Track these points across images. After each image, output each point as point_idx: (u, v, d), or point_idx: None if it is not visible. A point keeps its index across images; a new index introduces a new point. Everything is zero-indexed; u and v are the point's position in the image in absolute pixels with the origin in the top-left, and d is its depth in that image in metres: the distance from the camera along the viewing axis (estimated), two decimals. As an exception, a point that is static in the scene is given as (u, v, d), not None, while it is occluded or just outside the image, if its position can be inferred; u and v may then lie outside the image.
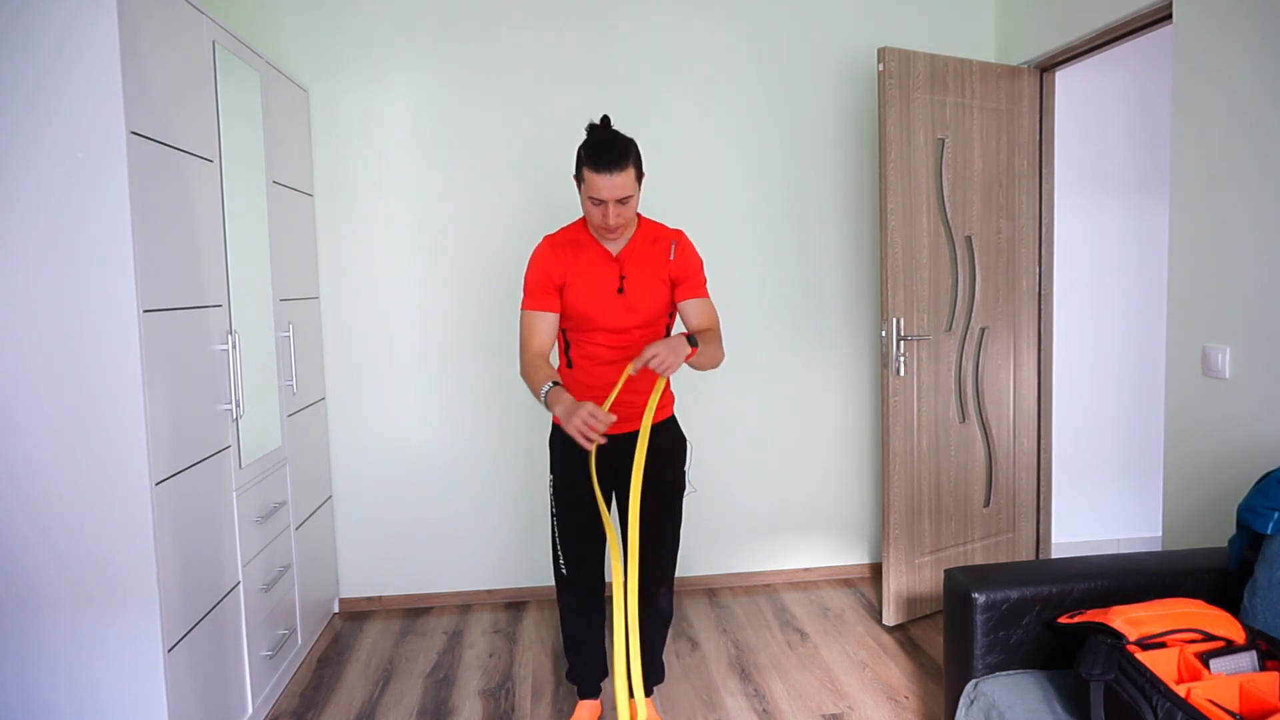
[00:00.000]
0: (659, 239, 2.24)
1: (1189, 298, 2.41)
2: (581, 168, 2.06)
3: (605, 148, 2.03)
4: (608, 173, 2.01)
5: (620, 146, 2.04)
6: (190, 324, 2.14)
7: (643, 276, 2.19)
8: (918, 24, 3.45)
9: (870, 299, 3.53)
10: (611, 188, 2.03)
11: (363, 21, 3.21)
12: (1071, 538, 3.79)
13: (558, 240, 2.23)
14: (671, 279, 2.24)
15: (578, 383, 2.25)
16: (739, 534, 3.54)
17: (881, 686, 2.65)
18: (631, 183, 2.05)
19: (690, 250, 2.27)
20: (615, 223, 2.08)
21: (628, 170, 2.03)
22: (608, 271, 2.18)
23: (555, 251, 2.19)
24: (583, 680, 2.45)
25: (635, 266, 2.20)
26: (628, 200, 2.07)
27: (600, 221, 2.09)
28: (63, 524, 1.89)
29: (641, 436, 2.08)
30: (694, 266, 2.26)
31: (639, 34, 3.32)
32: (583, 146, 2.08)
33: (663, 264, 2.22)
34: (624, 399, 2.22)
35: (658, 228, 2.27)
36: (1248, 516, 1.75)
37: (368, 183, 3.27)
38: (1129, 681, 1.45)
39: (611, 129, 2.13)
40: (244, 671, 2.40)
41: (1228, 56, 2.26)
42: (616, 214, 2.07)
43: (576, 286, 2.18)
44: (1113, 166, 3.69)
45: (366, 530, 3.37)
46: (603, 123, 2.16)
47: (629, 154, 2.04)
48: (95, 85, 1.81)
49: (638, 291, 2.19)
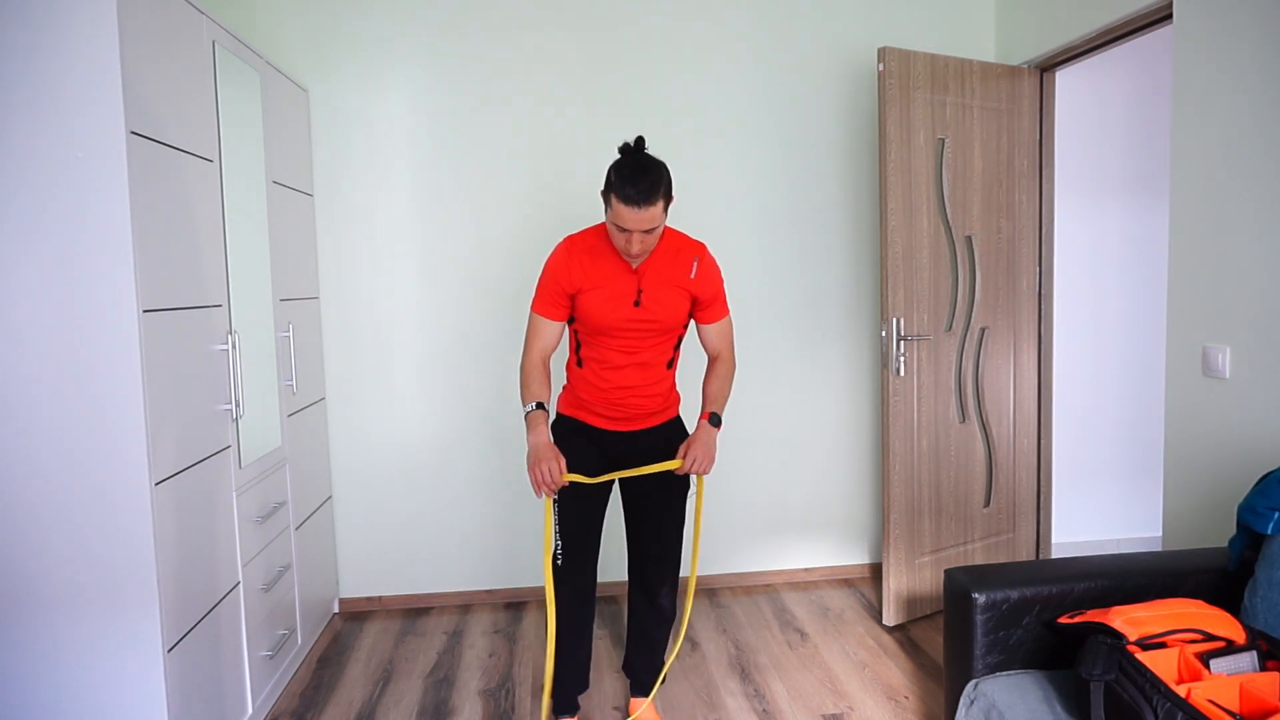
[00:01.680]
0: (681, 251, 2.19)
1: (1189, 298, 2.41)
2: (610, 193, 1.98)
3: (635, 182, 1.94)
4: (636, 207, 1.95)
5: (652, 179, 1.95)
6: (190, 324, 2.13)
7: (661, 290, 2.15)
8: (918, 24, 3.45)
9: (870, 299, 3.53)
10: (639, 220, 1.97)
11: (362, 21, 3.21)
12: (1071, 538, 3.79)
13: (576, 247, 2.16)
14: (693, 296, 2.20)
15: (585, 382, 2.25)
16: (739, 534, 3.54)
17: (881, 686, 2.65)
18: (659, 214, 1.99)
19: (713, 269, 2.23)
20: (638, 250, 2.04)
21: (657, 204, 1.97)
22: (626, 283, 2.14)
23: (572, 259, 2.14)
24: (561, 697, 2.36)
25: (654, 279, 2.15)
26: (654, 230, 2.01)
27: (624, 247, 2.05)
28: (63, 524, 1.89)
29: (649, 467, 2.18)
30: (716, 287, 2.23)
31: (639, 34, 3.32)
32: (614, 170, 1.99)
33: (683, 278, 2.18)
34: (626, 399, 2.22)
35: (680, 239, 2.22)
36: (1248, 516, 1.75)
37: (368, 183, 3.27)
38: (1129, 681, 1.45)
39: (644, 155, 2.02)
40: (244, 672, 2.39)
41: (1228, 56, 2.26)
42: (641, 241, 2.02)
43: (592, 295, 2.13)
44: (1113, 166, 3.69)
45: (366, 530, 3.37)
46: (636, 145, 2.04)
47: (659, 187, 1.96)
48: (95, 85, 1.81)
49: (655, 305, 2.15)
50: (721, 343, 2.29)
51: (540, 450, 2.06)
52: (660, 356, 2.23)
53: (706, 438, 2.16)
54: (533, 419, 2.11)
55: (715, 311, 2.26)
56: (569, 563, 2.26)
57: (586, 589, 2.30)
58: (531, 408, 2.13)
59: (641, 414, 2.26)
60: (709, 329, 2.28)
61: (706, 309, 2.24)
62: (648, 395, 2.24)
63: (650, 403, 2.26)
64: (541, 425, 2.11)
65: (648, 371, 2.22)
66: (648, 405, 2.26)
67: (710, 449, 2.15)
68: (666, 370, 2.27)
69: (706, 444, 2.15)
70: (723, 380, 2.27)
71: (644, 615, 2.40)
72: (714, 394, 2.25)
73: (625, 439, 2.27)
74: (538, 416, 2.12)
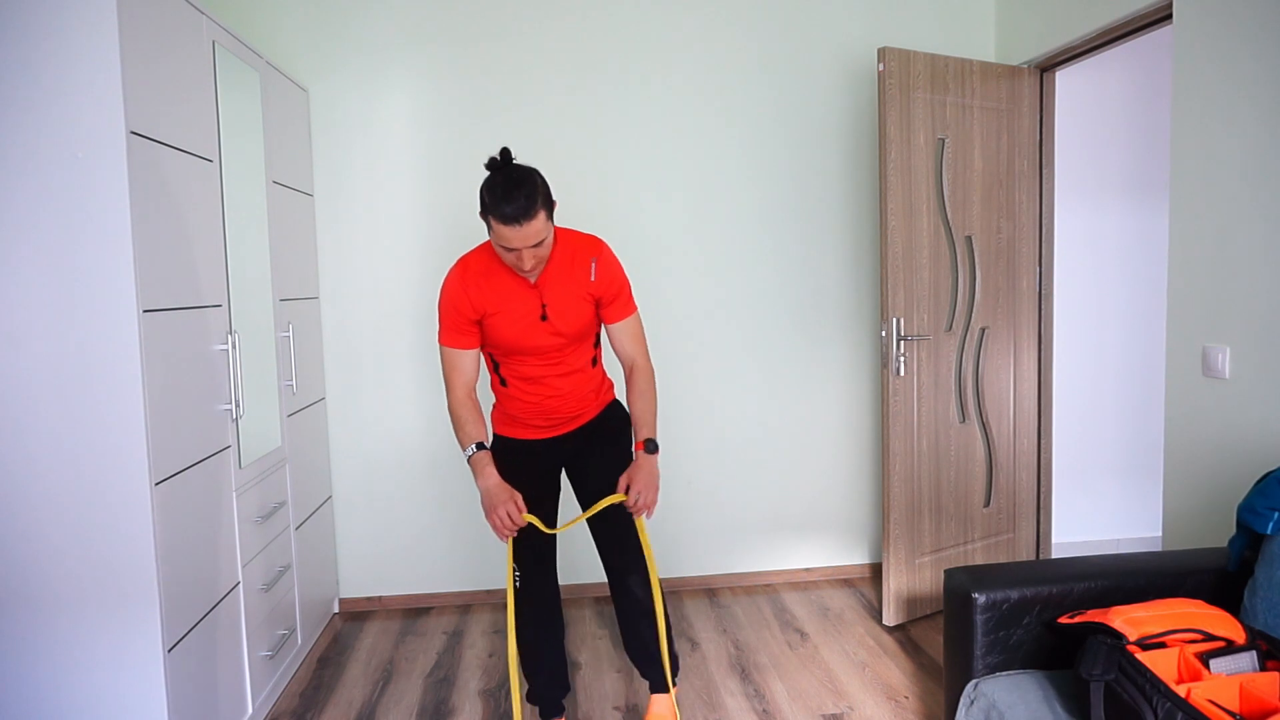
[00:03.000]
0: (577, 254, 2.08)
1: (1189, 298, 2.41)
2: (487, 214, 1.87)
3: (508, 199, 1.83)
4: (516, 224, 1.84)
5: (526, 192, 1.84)
6: (190, 324, 2.14)
7: (565, 300, 2.06)
8: (918, 24, 3.45)
9: (870, 299, 3.53)
10: (523, 237, 1.86)
11: (362, 21, 3.21)
12: (1071, 538, 3.79)
13: (470, 270, 2.05)
14: (595, 299, 2.11)
15: (513, 399, 2.18)
16: (739, 534, 3.54)
17: (881, 686, 2.65)
18: (543, 226, 1.88)
19: (612, 265, 2.13)
20: (532, 265, 1.94)
21: (538, 215, 1.85)
22: (528, 300, 2.04)
23: (468, 285, 2.04)
24: (544, 699, 2.34)
25: (556, 290, 2.05)
26: (542, 243, 1.91)
27: (515, 264, 1.94)
28: (63, 524, 1.89)
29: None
30: (618, 283, 2.13)
31: (639, 33, 3.32)
32: (485, 190, 1.87)
33: (584, 283, 2.08)
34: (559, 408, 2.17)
35: (574, 240, 2.10)
36: (1248, 516, 1.75)
37: (368, 183, 3.27)
38: (1129, 681, 1.45)
39: (513, 168, 1.89)
40: (244, 671, 2.40)
41: (1228, 56, 2.26)
42: (532, 256, 1.91)
43: (496, 319, 2.04)
44: (1113, 166, 3.69)
45: (366, 530, 3.37)
46: (503, 158, 1.91)
47: (535, 199, 1.84)
48: (95, 85, 1.81)
49: (562, 316, 2.06)
50: (634, 346, 2.18)
51: (494, 494, 2.00)
52: (582, 359, 2.17)
53: (648, 467, 2.06)
54: (476, 462, 2.04)
55: (620, 309, 2.14)
56: (528, 584, 2.23)
57: (551, 601, 2.28)
58: (472, 450, 2.06)
59: (577, 414, 2.22)
60: (616, 329, 2.16)
61: (609, 306, 2.13)
62: (579, 397, 2.19)
63: (583, 403, 2.21)
64: (488, 467, 2.04)
65: (573, 376, 2.16)
66: (581, 405, 2.21)
67: (654, 480, 2.06)
68: (593, 369, 2.22)
69: (649, 475, 2.06)
70: (647, 397, 2.15)
71: (625, 607, 2.30)
72: (642, 415, 2.14)
73: (568, 438, 2.24)
74: (481, 459, 2.05)
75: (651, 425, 2.14)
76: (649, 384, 2.18)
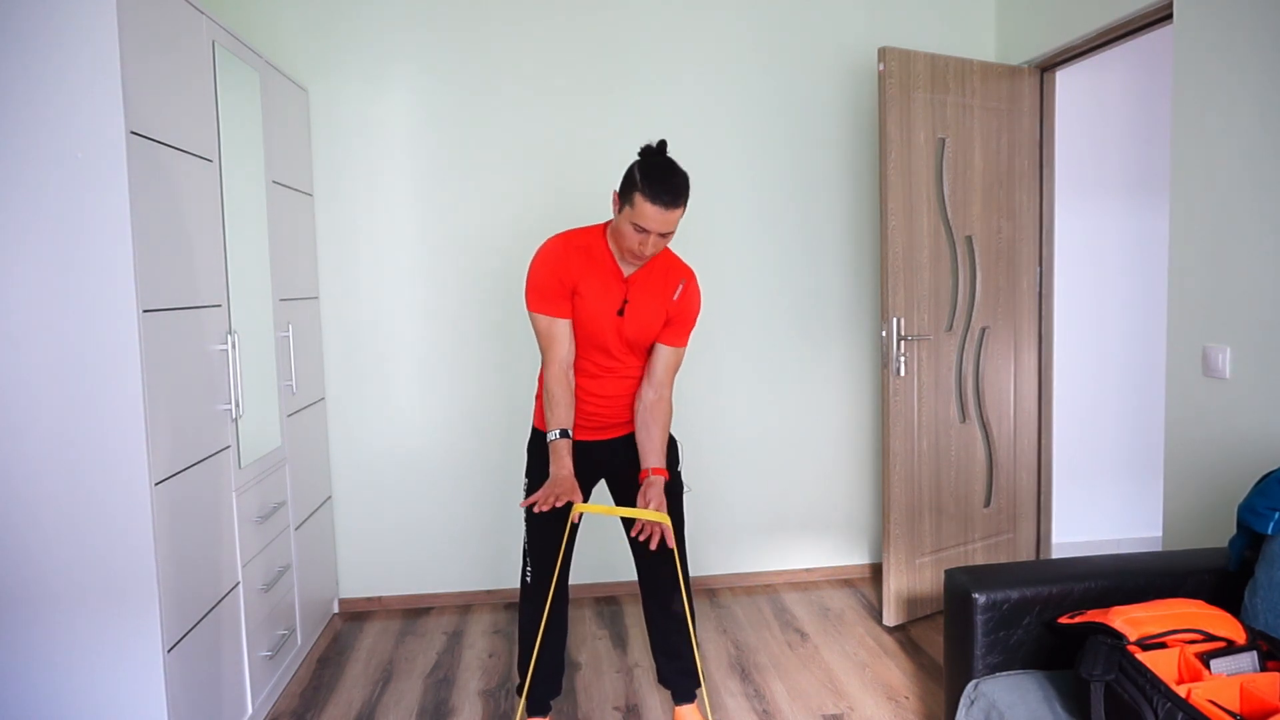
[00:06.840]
0: (670, 271, 2.18)
1: (1189, 297, 2.41)
2: (633, 191, 1.94)
3: (667, 181, 1.93)
4: (664, 207, 1.92)
5: (681, 181, 1.96)
6: (190, 324, 2.13)
7: (645, 304, 2.13)
8: (918, 24, 3.45)
9: (870, 299, 3.53)
10: (663, 222, 1.95)
11: (362, 21, 3.21)
12: (1072, 538, 3.78)
13: (573, 243, 2.10)
14: (668, 317, 2.18)
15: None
16: (739, 534, 3.54)
17: (881, 687, 2.65)
18: (679, 218, 1.98)
19: (695, 295, 2.21)
20: (652, 253, 2.02)
21: (682, 206, 1.96)
22: (614, 289, 2.10)
23: (570, 254, 2.08)
24: (534, 696, 2.34)
25: (641, 293, 2.12)
26: (669, 234, 2.00)
27: (637, 249, 2.01)
28: (62, 524, 1.89)
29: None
30: (691, 314, 2.21)
31: (639, 33, 3.32)
32: (639, 170, 1.95)
33: (667, 297, 2.16)
34: (602, 409, 2.21)
35: (673, 259, 2.21)
36: (1248, 517, 1.75)
37: (368, 183, 3.26)
38: (1129, 682, 1.45)
39: (671, 158, 2.00)
40: (243, 672, 2.39)
41: (1228, 56, 2.26)
42: (656, 244, 2.00)
43: (582, 299, 2.10)
44: (1113, 166, 3.69)
45: (366, 530, 3.37)
46: (659, 148, 2.01)
47: (687, 189, 1.97)
48: (95, 85, 1.81)
49: (637, 317, 2.12)
50: (668, 376, 2.23)
51: (562, 483, 2.02)
52: (635, 369, 2.22)
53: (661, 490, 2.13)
54: (557, 449, 2.06)
55: (678, 335, 2.21)
56: (537, 582, 2.25)
57: (557, 601, 2.29)
58: (555, 435, 2.08)
59: (618, 422, 2.26)
60: (664, 352, 2.21)
61: (672, 328, 2.19)
62: (624, 405, 2.24)
63: (626, 412, 2.26)
64: (566, 457, 2.06)
65: (624, 383, 2.21)
66: (624, 415, 2.25)
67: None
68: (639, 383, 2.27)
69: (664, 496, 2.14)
70: (665, 430, 2.22)
71: (661, 624, 2.34)
72: (660, 444, 2.20)
73: (604, 446, 2.27)
74: (562, 446, 2.07)
75: (664, 457, 2.20)
76: (669, 418, 2.23)
